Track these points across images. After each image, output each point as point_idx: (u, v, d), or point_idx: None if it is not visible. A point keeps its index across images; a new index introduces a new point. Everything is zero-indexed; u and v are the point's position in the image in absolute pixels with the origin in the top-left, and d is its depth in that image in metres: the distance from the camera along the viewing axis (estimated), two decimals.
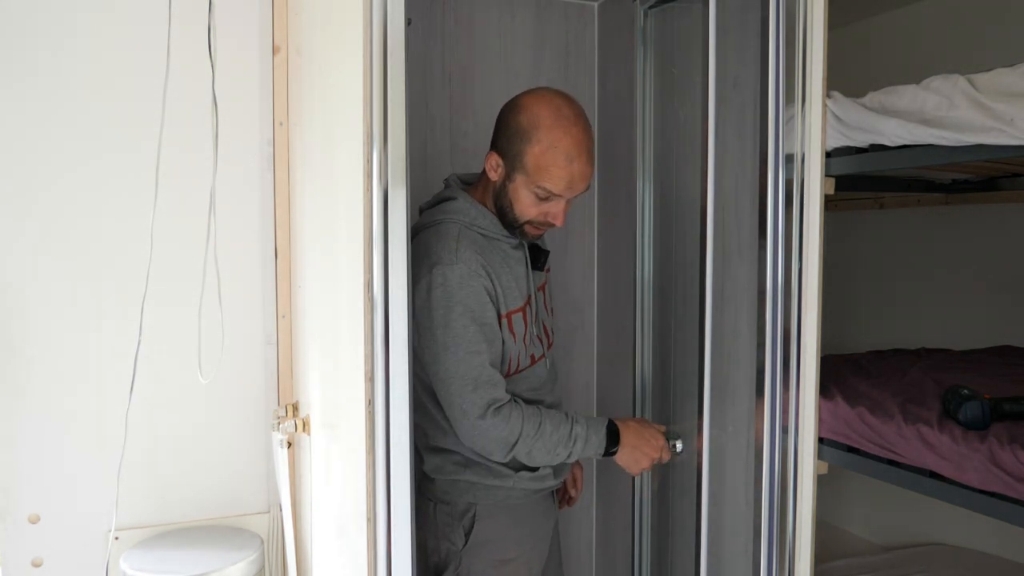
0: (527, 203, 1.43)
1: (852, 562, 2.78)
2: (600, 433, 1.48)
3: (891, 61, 2.95)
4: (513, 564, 1.55)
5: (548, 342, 1.62)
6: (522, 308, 1.50)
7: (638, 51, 1.84)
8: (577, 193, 1.44)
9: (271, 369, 2.04)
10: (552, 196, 1.41)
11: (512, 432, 1.40)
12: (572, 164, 1.37)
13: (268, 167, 2.01)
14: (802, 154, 1.44)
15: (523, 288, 1.52)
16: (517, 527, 1.56)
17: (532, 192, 1.41)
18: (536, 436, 1.42)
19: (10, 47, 1.81)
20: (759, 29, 1.50)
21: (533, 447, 1.43)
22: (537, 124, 1.39)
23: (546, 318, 1.64)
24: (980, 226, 2.76)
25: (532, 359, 1.55)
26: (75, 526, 1.88)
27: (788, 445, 1.47)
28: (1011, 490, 1.58)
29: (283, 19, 1.98)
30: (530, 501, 1.58)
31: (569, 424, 1.46)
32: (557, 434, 1.44)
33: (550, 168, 1.38)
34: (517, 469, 1.52)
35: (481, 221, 1.47)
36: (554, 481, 1.60)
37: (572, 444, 1.44)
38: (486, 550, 1.52)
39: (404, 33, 1.25)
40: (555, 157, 1.37)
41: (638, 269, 1.88)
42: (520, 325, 1.49)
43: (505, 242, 1.51)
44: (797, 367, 1.46)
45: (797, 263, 1.45)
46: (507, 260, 1.50)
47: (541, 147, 1.38)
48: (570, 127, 1.38)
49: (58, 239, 1.86)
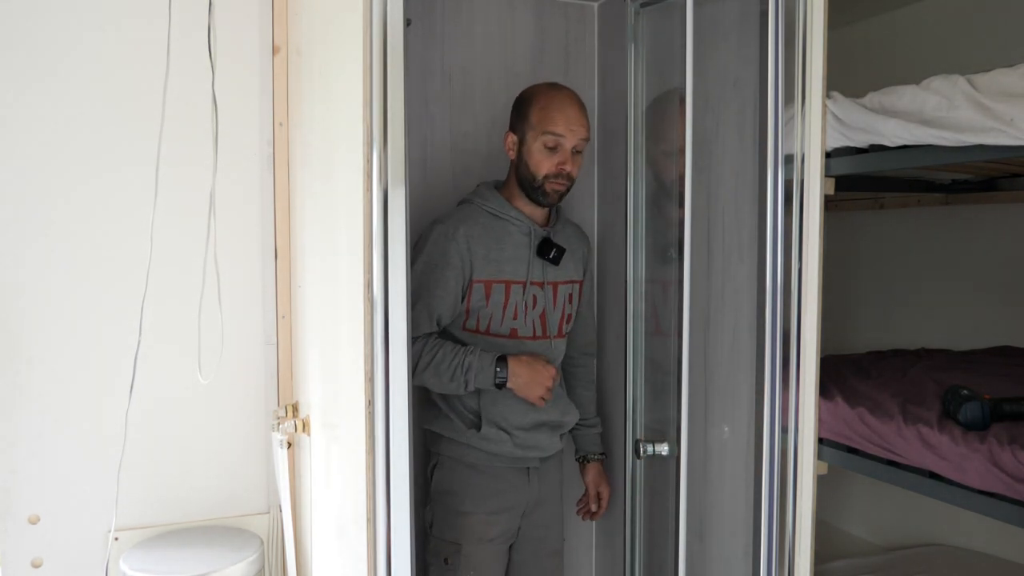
0: (540, 157, 1.67)
1: (852, 562, 2.77)
2: (489, 362, 1.65)
3: (891, 61, 2.95)
4: (471, 518, 1.70)
5: (542, 333, 1.76)
6: (505, 282, 1.69)
7: (629, 49, 1.85)
8: (578, 138, 1.67)
9: (271, 369, 2.04)
10: (558, 141, 1.65)
11: (414, 355, 1.62)
12: (567, 109, 1.66)
13: (268, 167, 2.01)
14: (802, 154, 1.44)
15: (517, 268, 1.71)
16: (475, 485, 1.72)
17: (542, 143, 1.66)
18: (432, 364, 1.65)
19: (10, 47, 1.81)
20: (758, 29, 1.50)
21: (432, 373, 1.65)
22: (534, 92, 1.71)
23: (550, 313, 1.76)
24: (980, 226, 2.76)
25: (513, 333, 1.73)
26: (75, 526, 1.88)
27: (788, 445, 1.47)
28: (1011, 490, 1.58)
29: (283, 19, 1.98)
30: (493, 466, 1.73)
31: (462, 356, 1.65)
32: (452, 363, 1.64)
33: (549, 115, 1.65)
34: (469, 427, 1.72)
35: (492, 203, 1.72)
36: (512, 449, 1.72)
37: (465, 372, 1.64)
38: (447, 499, 1.73)
39: (404, 33, 1.25)
40: (551, 106, 1.66)
41: (630, 269, 1.89)
42: (500, 295, 1.70)
43: (513, 223, 1.72)
44: (797, 367, 1.46)
45: (797, 263, 1.45)
46: (507, 239, 1.71)
47: (539, 103, 1.68)
48: (560, 89, 1.71)
49: (58, 239, 1.86)
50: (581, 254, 1.88)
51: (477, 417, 1.72)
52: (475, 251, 1.68)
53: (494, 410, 1.70)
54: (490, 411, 1.70)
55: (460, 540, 1.69)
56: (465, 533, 1.70)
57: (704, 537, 1.77)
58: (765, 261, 1.45)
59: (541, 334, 1.76)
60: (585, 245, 1.91)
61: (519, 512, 1.77)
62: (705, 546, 1.77)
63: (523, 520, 1.78)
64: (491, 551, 1.72)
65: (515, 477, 1.76)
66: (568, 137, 1.66)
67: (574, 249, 1.83)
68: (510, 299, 1.71)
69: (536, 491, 1.78)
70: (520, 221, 1.73)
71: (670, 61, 1.75)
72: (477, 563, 1.69)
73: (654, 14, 1.82)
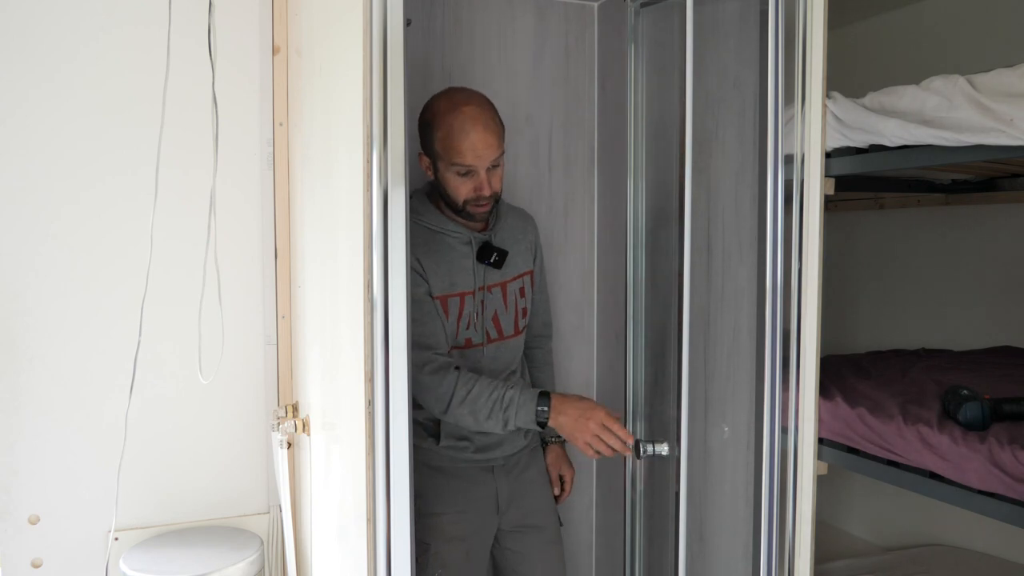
0: (455, 184, 1.59)
1: (852, 562, 2.78)
2: (532, 398, 1.55)
3: (891, 61, 2.95)
4: (437, 518, 1.68)
5: (497, 336, 1.73)
6: (458, 295, 1.65)
7: (629, 49, 1.85)
8: (489, 161, 1.57)
9: (271, 369, 2.04)
10: (469, 169, 1.57)
11: (446, 390, 1.55)
12: (471, 135, 1.54)
13: (268, 167, 2.01)
14: (802, 154, 1.44)
15: (466, 278, 1.66)
16: (442, 486, 1.70)
17: (454, 172, 1.58)
18: (467, 398, 1.55)
19: (10, 48, 1.81)
20: (759, 29, 1.50)
21: (468, 408, 1.56)
22: (435, 114, 1.59)
23: (503, 314, 1.73)
24: (980, 226, 2.76)
25: (468, 342, 1.68)
26: (75, 526, 1.89)
27: (788, 445, 1.47)
28: (1011, 491, 1.58)
29: (283, 19, 1.98)
30: (458, 467, 1.71)
31: (503, 389, 1.56)
32: (489, 397, 1.55)
33: (452, 144, 1.55)
34: (428, 436, 1.69)
35: (426, 217, 1.66)
36: (473, 455, 1.70)
37: (504, 409, 1.54)
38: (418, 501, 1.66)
39: (403, 34, 1.25)
40: (453, 135, 1.55)
41: (630, 269, 1.89)
42: (456, 308, 1.65)
43: (451, 236, 1.66)
44: (797, 367, 1.46)
45: (797, 263, 1.45)
46: (450, 252, 1.66)
47: (441, 130, 1.57)
48: (461, 106, 1.56)
49: (58, 239, 1.86)
50: (527, 243, 1.81)
51: (437, 426, 1.68)
52: (428, 268, 1.62)
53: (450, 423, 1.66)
54: (447, 424, 1.67)
55: (428, 539, 1.67)
56: (433, 532, 1.68)
57: (704, 537, 1.77)
58: (765, 261, 1.45)
59: (497, 336, 1.72)
60: (532, 229, 1.84)
61: (490, 510, 1.75)
62: (705, 546, 1.77)
63: (502, 517, 1.76)
64: (461, 550, 1.70)
65: (480, 476, 1.74)
66: (478, 164, 1.57)
67: (519, 240, 1.77)
68: (464, 310, 1.67)
69: (505, 487, 1.76)
70: (458, 232, 1.66)
71: (670, 61, 1.75)
72: (445, 562, 1.67)
73: (654, 14, 1.82)
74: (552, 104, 2.06)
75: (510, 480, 1.77)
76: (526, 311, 1.80)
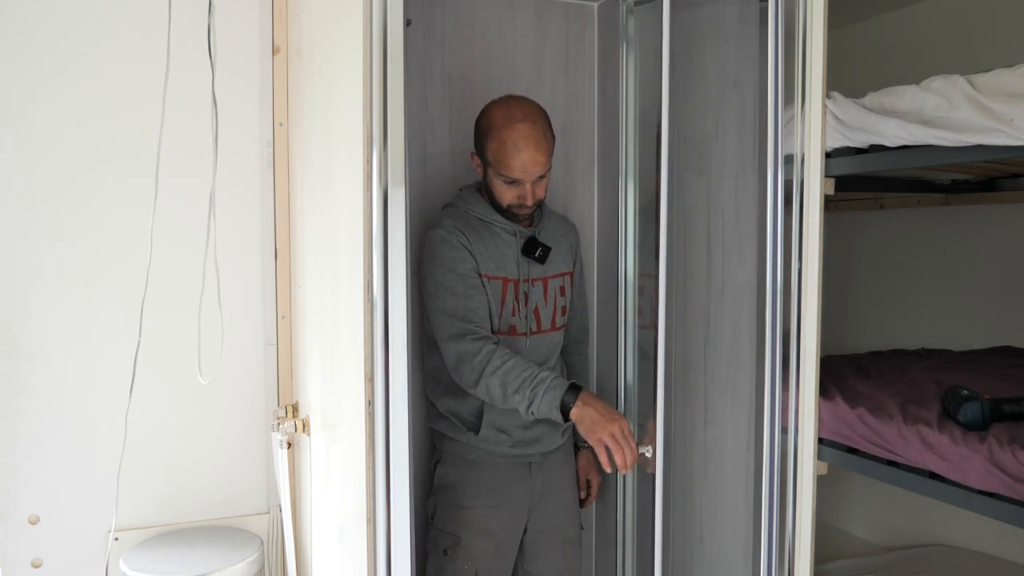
0: (501, 189, 1.68)
1: (852, 562, 2.77)
2: (563, 384, 1.56)
3: (891, 61, 2.95)
4: (471, 511, 1.72)
5: (537, 328, 1.77)
6: (502, 279, 1.71)
7: (621, 48, 1.85)
8: (536, 176, 1.66)
9: (271, 370, 2.04)
10: (516, 180, 1.65)
11: (484, 358, 1.59)
12: (522, 152, 1.62)
13: (268, 167, 2.01)
14: (802, 155, 1.45)
15: (508, 266, 1.72)
16: (476, 480, 1.73)
17: (501, 180, 1.66)
18: (502, 368, 1.57)
19: (10, 48, 1.81)
20: (758, 29, 1.50)
21: (499, 379, 1.58)
22: (491, 125, 1.65)
23: (543, 308, 1.78)
24: (980, 226, 2.76)
25: (512, 330, 1.73)
26: (75, 526, 1.89)
27: (788, 445, 1.47)
28: (1011, 491, 1.58)
29: (283, 20, 1.98)
30: (494, 462, 1.73)
31: (538, 369, 1.58)
32: (524, 371, 1.57)
33: (503, 158, 1.63)
34: (468, 428, 1.72)
35: (476, 207, 1.73)
36: (511, 448, 1.72)
37: (534, 387, 1.55)
38: (448, 493, 1.75)
39: (403, 34, 1.25)
40: (506, 150, 1.62)
41: (621, 270, 1.89)
42: (498, 291, 1.71)
43: (498, 227, 1.73)
44: (797, 367, 1.47)
45: (797, 263, 1.45)
46: (496, 240, 1.73)
47: (495, 140, 1.64)
48: (516, 124, 1.63)
49: (58, 240, 1.86)
50: (569, 245, 1.88)
51: (477, 420, 1.72)
52: (476, 250, 1.69)
53: (494, 412, 1.70)
54: (491, 413, 1.70)
55: (459, 532, 1.71)
56: (464, 525, 1.71)
57: (704, 537, 1.77)
58: (765, 261, 1.45)
59: (536, 329, 1.77)
60: (573, 236, 1.91)
61: (523, 506, 1.77)
62: (705, 546, 1.77)
63: (531, 513, 1.78)
64: (492, 544, 1.73)
65: (516, 472, 1.76)
66: (525, 178, 1.65)
67: (560, 242, 1.84)
68: (506, 296, 1.73)
69: (539, 484, 1.78)
70: (504, 225, 1.73)
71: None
72: (475, 555, 1.70)
73: (647, 13, 1.82)
74: (552, 104, 2.06)
75: (544, 478, 1.79)
76: (565, 309, 1.84)
